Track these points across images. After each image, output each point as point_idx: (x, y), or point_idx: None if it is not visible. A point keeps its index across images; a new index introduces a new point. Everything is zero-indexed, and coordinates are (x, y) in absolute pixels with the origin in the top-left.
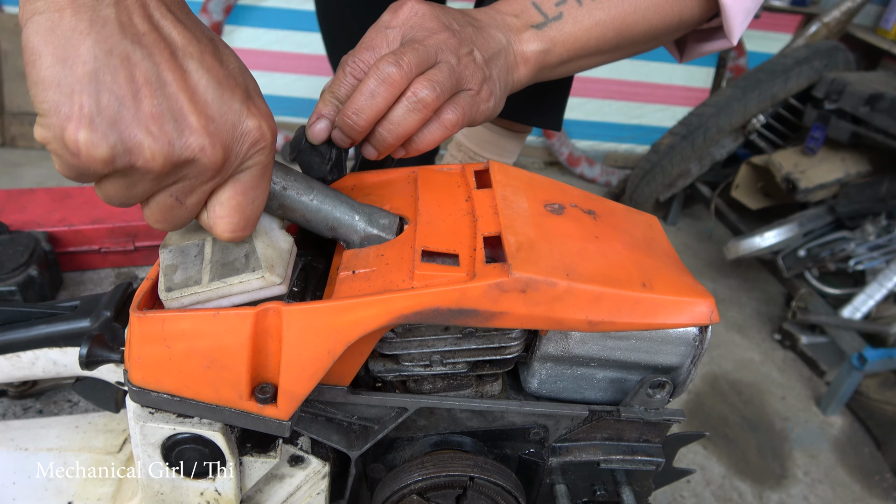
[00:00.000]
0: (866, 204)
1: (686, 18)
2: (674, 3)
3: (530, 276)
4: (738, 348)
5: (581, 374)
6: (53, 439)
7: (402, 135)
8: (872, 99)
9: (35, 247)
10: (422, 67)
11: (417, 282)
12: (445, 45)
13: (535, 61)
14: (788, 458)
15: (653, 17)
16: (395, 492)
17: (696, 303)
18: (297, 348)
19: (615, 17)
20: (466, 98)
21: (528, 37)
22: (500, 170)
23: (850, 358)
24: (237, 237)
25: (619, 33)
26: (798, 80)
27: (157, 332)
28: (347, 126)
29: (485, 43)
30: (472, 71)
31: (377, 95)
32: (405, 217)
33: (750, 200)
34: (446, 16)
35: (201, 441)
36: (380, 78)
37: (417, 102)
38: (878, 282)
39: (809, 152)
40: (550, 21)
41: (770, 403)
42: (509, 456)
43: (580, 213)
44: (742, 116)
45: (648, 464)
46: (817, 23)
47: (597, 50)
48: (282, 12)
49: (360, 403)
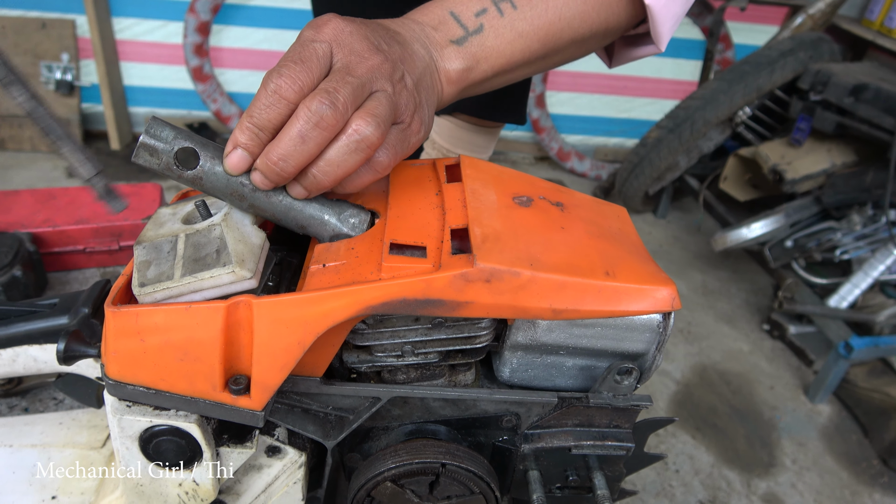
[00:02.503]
0: (852, 194)
1: (613, 25)
2: (600, 10)
3: (494, 266)
4: (727, 339)
5: (551, 362)
6: (38, 436)
7: (339, 177)
8: (857, 89)
9: (19, 247)
10: (358, 102)
11: (385, 273)
12: (379, 72)
13: (458, 80)
14: (776, 446)
15: (579, 26)
16: (370, 479)
17: (658, 290)
18: (268, 340)
19: (539, 27)
20: (397, 134)
21: (450, 53)
22: (470, 164)
23: (836, 347)
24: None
25: (545, 44)
26: (783, 71)
27: (131, 326)
28: (272, 172)
29: (411, 63)
30: (406, 99)
31: (309, 140)
32: (376, 211)
33: (738, 192)
34: (373, 34)
35: (178, 433)
36: (312, 121)
37: (361, 141)
38: (864, 271)
39: (796, 143)
40: (471, 35)
41: (759, 393)
42: (483, 443)
43: (548, 204)
44: (728, 109)
45: (619, 449)
46: (802, 14)
47: (522, 62)
48: (269, 11)
49: (335, 394)
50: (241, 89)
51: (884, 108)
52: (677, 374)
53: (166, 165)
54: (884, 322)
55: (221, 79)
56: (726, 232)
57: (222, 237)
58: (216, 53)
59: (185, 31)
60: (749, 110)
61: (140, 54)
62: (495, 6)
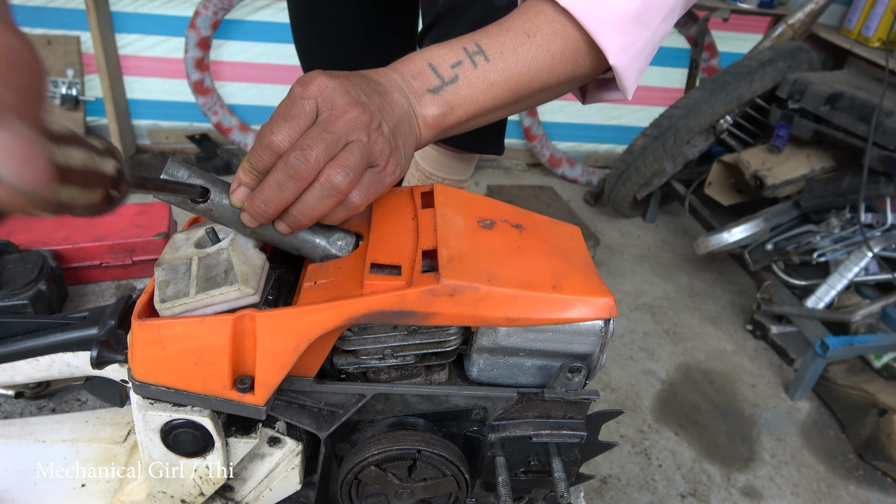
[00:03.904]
0: (829, 198)
1: (580, 74)
2: (566, 63)
3: (457, 282)
4: (711, 339)
5: (513, 362)
6: (67, 432)
7: (315, 217)
8: (832, 98)
9: (43, 264)
10: (331, 153)
11: (366, 289)
12: (356, 124)
13: (435, 124)
14: (756, 441)
15: (547, 77)
16: (357, 464)
17: (598, 300)
18: (268, 346)
19: (509, 78)
20: (372, 176)
21: (427, 101)
22: (442, 191)
23: (813, 346)
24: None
25: (515, 92)
26: (763, 81)
27: (154, 336)
28: (256, 214)
29: (389, 111)
30: (382, 146)
31: (286, 189)
32: (361, 234)
33: (722, 197)
34: (354, 88)
35: (193, 425)
36: (288, 173)
37: (331, 188)
38: (839, 273)
39: (776, 150)
40: (447, 84)
41: (741, 391)
42: (456, 433)
43: (508, 226)
44: (710, 118)
45: (573, 437)
46: (783, 24)
47: (494, 108)
48: (267, 25)
49: (326, 391)
50: (241, 101)
51: (858, 115)
52: (662, 374)
53: (182, 200)
54: (859, 321)
55: (221, 91)
56: (708, 236)
57: (229, 259)
58: (216, 67)
59: (186, 46)
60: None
61: (143, 69)
62: (469, 59)
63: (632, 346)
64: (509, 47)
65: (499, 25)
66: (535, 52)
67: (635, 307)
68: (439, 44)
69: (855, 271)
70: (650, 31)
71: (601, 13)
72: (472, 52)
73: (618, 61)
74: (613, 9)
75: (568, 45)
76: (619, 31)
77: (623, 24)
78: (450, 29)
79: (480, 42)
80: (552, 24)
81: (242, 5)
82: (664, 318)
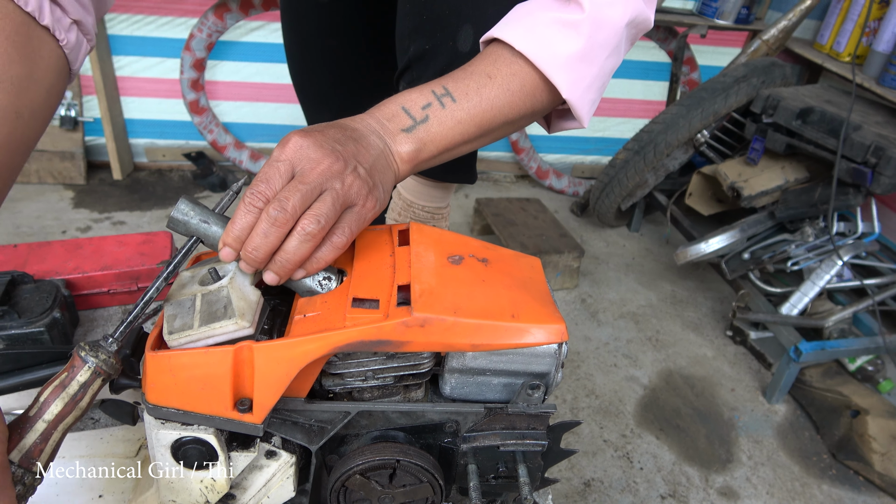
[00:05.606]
0: (802, 209)
1: (538, 108)
2: (526, 99)
3: (427, 315)
4: (692, 345)
5: (481, 381)
6: (84, 448)
7: (297, 262)
8: (803, 113)
9: (56, 293)
10: (307, 203)
11: (349, 322)
12: (329, 173)
13: (410, 159)
14: (734, 444)
15: (508, 112)
16: (343, 473)
17: (551, 327)
18: (265, 373)
19: (475, 115)
20: (352, 216)
21: (402, 139)
22: (417, 230)
23: (787, 351)
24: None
25: (480, 127)
26: (737, 97)
27: (165, 365)
28: (249, 259)
29: (365, 153)
30: (358, 188)
31: (270, 235)
32: (344, 270)
33: (702, 207)
34: (328, 140)
35: (200, 442)
36: (270, 222)
37: (306, 235)
38: (811, 280)
39: (752, 162)
40: (419, 124)
41: (720, 395)
42: (432, 444)
43: (475, 261)
44: (687, 132)
45: (535, 446)
46: (758, 40)
47: (462, 142)
48: (260, 46)
49: (316, 410)
50: (236, 119)
51: (827, 129)
52: (645, 380)
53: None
54: (832, 327)
55: (216, 110)
56: (687, 247)
57: (228, 296)
58: (211, 87)
59: (182, 67)
60: (707, 133)
61: (139, 89)
62: (438, 100)
63: (616, 354)
64: (473, 88)
65: (464, 70)
66: (496, 91)
67: (619, 315)
68: (411, 89)
69: (826, 279)
70: (597, 66)
71: (551, 54)
72: (440, 94)
73: (570, 95)
74: (562, 50)
75: (525, 83)
76: (568, 69)
77: (572, 63)
78: (421, 73)
79: (447, 85)
80: (510, 66)
81: (236, 27)
82: (647, 326)
